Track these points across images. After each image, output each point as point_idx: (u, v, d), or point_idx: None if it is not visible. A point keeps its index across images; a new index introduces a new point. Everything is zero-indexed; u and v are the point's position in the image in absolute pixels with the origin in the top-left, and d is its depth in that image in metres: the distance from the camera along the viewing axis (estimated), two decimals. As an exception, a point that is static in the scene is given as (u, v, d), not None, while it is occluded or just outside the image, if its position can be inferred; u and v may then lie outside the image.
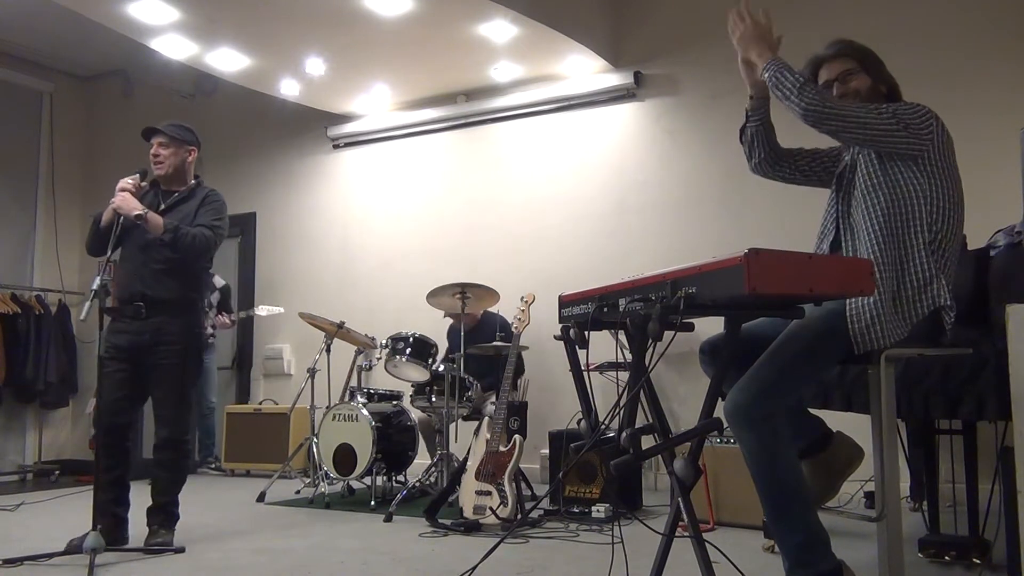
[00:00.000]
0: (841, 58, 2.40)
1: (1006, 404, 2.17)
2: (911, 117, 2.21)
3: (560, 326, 2.20)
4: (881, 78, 2.39)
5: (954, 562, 2.79)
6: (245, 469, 6.13)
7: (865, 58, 2.39)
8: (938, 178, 2.22)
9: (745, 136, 2.57)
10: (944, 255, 2.21)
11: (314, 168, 6.81)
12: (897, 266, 2.20)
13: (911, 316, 2.17)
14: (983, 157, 4.20)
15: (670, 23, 5.50)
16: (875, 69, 2.39)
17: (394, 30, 5.06)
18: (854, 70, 2.37)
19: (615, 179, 5.60)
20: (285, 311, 6.33)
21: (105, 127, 7.64)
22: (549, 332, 2.84)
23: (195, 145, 3.69)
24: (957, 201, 2.26)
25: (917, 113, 2.22)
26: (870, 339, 2.13)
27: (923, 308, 2.17)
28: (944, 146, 2.25)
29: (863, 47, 2.42)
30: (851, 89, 2.36)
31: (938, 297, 2.16)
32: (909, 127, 2.20)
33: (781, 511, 2.14)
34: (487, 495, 3.84)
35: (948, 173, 2.24)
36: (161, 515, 3.42)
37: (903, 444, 3.14)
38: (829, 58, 2.42)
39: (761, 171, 2.59)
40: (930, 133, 2.22)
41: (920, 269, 2.19)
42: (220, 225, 3.55)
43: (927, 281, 2.17)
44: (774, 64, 2.26)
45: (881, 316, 2.12)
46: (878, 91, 2.37)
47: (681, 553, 2.13)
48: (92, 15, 4.99)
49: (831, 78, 2.40)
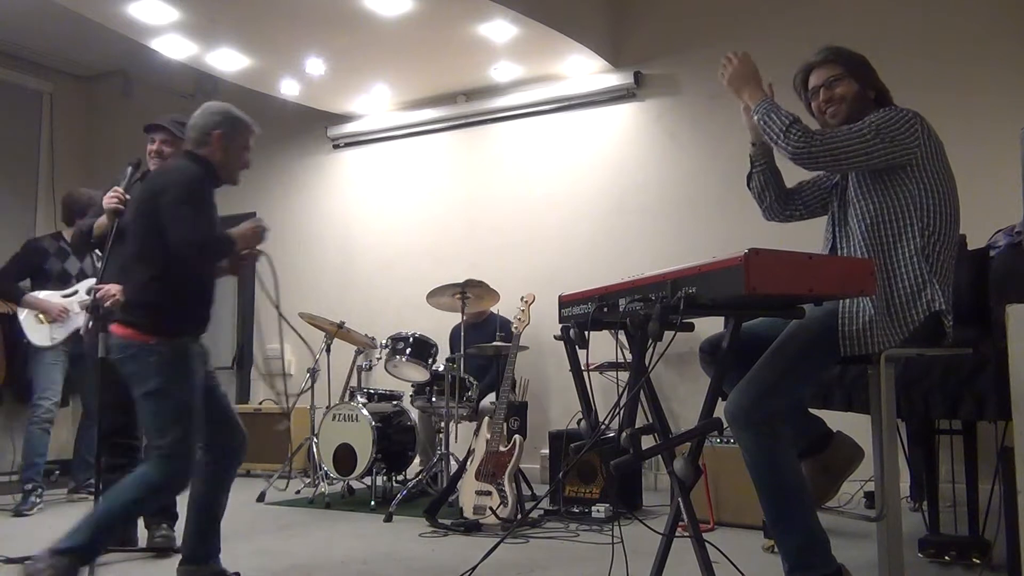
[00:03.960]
0: (828, 64, 2.40)
1: (1006, 404, 2.17)
2: (894, 129, 2.19)
3: (560, 326, 2.21)
4: (869, 83, 2.38)
5: (954, 562, 2.79)
6: (245, 469, 6.13)
7: (852, 64, 2.39)
8: (928, 182, 2.21)
9: (753, 183, 2.58)
10: (938, 259, 2.19)
11: (314, 168, 6.81)
12: (887, 272, 2.19)
13: (906, 322, 2.15)
14: (983, 158, 4.21)
15: (670, 23, 5.50)
16: (863, 74, 2.38)
17: (394, 30, 5.06)
18: (840, 76, 2.37)
19: (615, 179, 5.60)
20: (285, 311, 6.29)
21: (105, 127, 7.63)
22: (549, 332, 2.84)
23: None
24: (950, 203, 2.24)
25: (899, 121, 2.20)
26: (863, 344, 2.12)
27: (918, 314, 2.15)
28: (933, 149, 2.23)
29: (851, 53, 2.41)
30: (836, 95, 2.36)
31: (933, 302, 2.15)
32: (894, 139, 2.18)
33: (781, 513, 2.14)
34: (487, 495, 3.84)
35: (939, 176, 2.22)
36: (161, 515, 3.42)
37: (903, 444, 3.14)
38: (817, 64, 2.42)
39: (772, 214, 2.61)
40: (915, 139, 2.19)
41: (912, 275, 2.17)
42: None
43: (920, 287, 2.16)
44: (763, 106, 2.29)
45: (874, 322, 2.12)
46: (865, 96, 2.36)
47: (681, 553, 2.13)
48: (92, 15, 4.99)
49: (818, 84, 2.40)
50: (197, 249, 2.62)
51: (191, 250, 2.61)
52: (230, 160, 2.82)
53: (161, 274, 2.65)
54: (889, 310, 2.16)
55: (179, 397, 2.61)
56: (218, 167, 2.80)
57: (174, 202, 2.60)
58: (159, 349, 2.60)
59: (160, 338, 2.61)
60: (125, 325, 2.65)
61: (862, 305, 2.14)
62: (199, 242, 2.61)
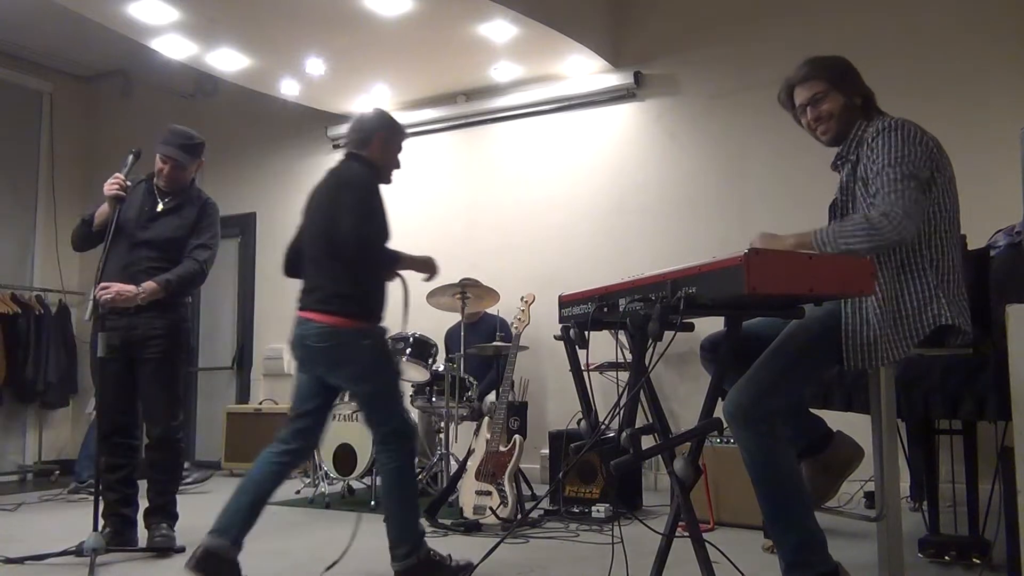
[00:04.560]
0: (810, 81, 2.36)
1: (1006, 404, 2.17)
2: (915, 157, 2.13)
3: (560, 326, 2.21)
4: (854, 91, 2.34)
5: (954, 562, 2.79)
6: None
7: (834, 75, 2.35)
8: (934, 192, 2.19)
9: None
10: (945, 269, 2.18)
11: (314, 168, 6.77)
12: (897, 285, 2.17)
13: (912, 335, 2.13)
14: (983, 158, 4.21)
15: (670, 23, 5.50)
16: (846, 84, 2.34)
17: (394, 30, 5.06)
18: (823, 92, 2.33)
19: (615, 179, 5.60)
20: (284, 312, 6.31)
21: (105, 127, 7.63)
22: (549, 332, 2.84)
23: (201, 157, 3.67)
24: (953, 215, 2.23)
25: (912, 143, 2.15)
26: (868, 359, 2.11)
27: (924, 327, 2.14)
28: (940, 160, 2.21)
29: (831, 63, 2.37)
30: (824, 112, 2.33)
31: (939, 317, 2.13)
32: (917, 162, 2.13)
33: (779, 512, 2.14)
34: (487, 495, 3.84)
35: (946, 187, 2.21)
36: (161, 515, 3.42)
37: (903, 444, 3.14)
38: (799, 82, 2.39)
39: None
40: (928, 151, 2.16)
41: (920, 288, 2.16)
42: (213, 248, 3.59)
43: (927, 300, 2.15)
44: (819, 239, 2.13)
45: (880, 336, 2.10)
46: (853, 105, 2.33)
47: (681, 553, 2.13)
48: (92, 15, 4.99)
49: (804, 103, 2.38)
50: (364, 243, 2.68)
51: (359, 243, 2.67)
52: (388, 161, 2.97)
53: (356, 265, 2.73)
54: (896, 323, 2.14)
55: (393, 377, 2.83)
56: (378, 167, 2.93)
57: (350, 198, 2.71)
58: (371, 333, 2.76)
59: (369, 323, 2.76)
60: (327, 313, 2.73)
61: (865, 317, 2.13)
62: (366, 238, 2.68)
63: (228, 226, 6.88)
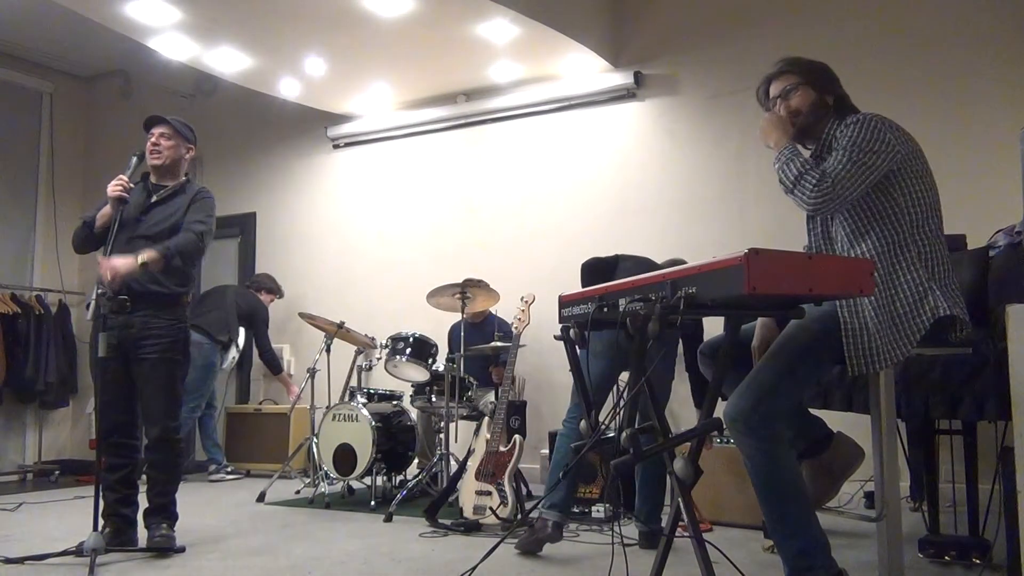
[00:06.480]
0: (784, 75, 2.41)
1: (1006, 404, 2.17)
2: (868, 141, 2.15)
3: (560, 326, 2.21)
4: (827, 90, 2.37)
5: (954, 562, 2.79)
6: (245, 469, 6.13)
7: (810, 72, 2.39)
8: (914, 184, 2.19)
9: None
10: (935, 262, 2.18)
11: (314, 168, 6.81)
12: (887, 283, 2.16)
13: (912, 332, 2.12)
14: (983, 158, 4.21)
15: (670, 23, 5.50)
16: (820, 82, 2.37)
17: (394, 30, 5.06)
18: (795, 86, 2.37)
19: (615, 179, 5.60)
20: (284, 312, 6.33)
21: (105, 127, 7.63)
22: (549, 332, 2.84)
23: (193, 144, 3.72)
24: (934, 206, 2.23)
25: (871, 132, 2.16)
26: (871, 362, 2.10)
27: (924, 322, 2.12)
28: (909, 152, 2.21)
29: (809, 61, 2.41)
30: (792, 106, 2.36)
31: (937, 309, 2.12)
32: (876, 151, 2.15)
33: (781, 516, 2.13)
34: (487, 495, 3.84)
35: (921, 179, 2.21)
36: (161, 515, 3.41)
37: (903, 444, 3.14)
38: (775, 76, 2.44)
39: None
40: (888, 145, 2.16)
41: (912, 283, 2.14)
42: (208, 223, 3.54)
43: (922, 294, 2.13)
44: (783, 154, 2.24)
45: (879, 339, 2.09)
46: (823, 103, 2.35)
47: (681, 553, 2.13)
48: (92, 15, 4.98)
49: (776, 95, 2.42)
50: None
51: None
52: None
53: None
54: (894, 321, 2.12)
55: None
56: None
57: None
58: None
59: None
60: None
61: (863, 321, 2.12)
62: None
63: (228, 226, 6.92)
